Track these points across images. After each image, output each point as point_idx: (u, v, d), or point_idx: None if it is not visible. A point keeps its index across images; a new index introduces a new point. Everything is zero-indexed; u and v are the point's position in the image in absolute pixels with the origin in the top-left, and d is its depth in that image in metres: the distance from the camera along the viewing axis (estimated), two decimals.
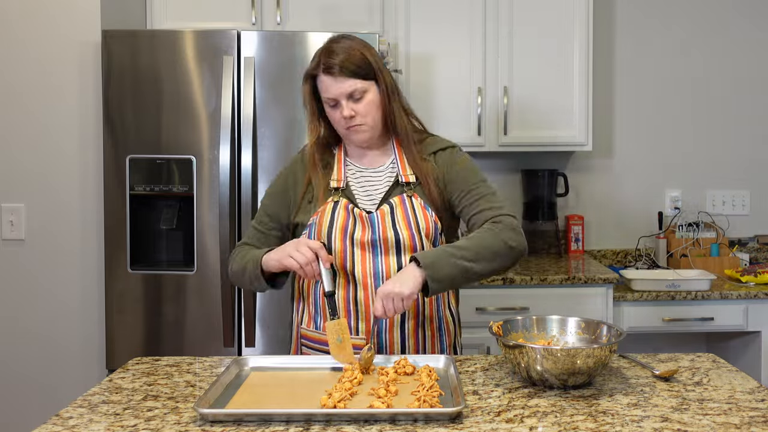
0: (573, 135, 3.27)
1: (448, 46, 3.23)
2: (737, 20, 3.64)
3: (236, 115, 2.67)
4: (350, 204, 1.80)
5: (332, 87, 1.76)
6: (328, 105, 1.79)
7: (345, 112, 1.76)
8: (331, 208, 1.80)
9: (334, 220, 1.78)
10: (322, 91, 1.78)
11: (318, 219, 1.80)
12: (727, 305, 3.06)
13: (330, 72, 1.75)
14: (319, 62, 1.77)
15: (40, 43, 2.81)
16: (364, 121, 1.79)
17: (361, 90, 1.77)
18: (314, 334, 1.83)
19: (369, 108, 1.79)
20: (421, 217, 1.79)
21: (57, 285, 2.83)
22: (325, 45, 1.81)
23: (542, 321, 1.70)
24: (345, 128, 1.80)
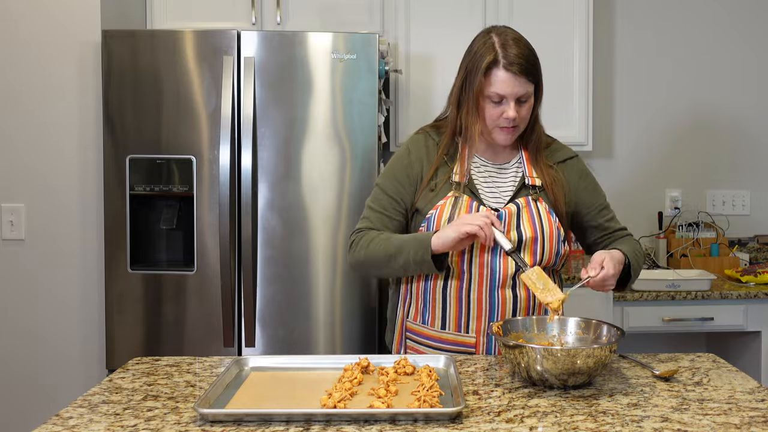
0: (573, 135, 3.26)
1: (448, 46, 3.22)
2: (737, 20, 3.64)
3: (236, 115, 2.67)
4: (474, 201, 1.78)
5: (507, 85, 1.71)
6: (491, 99, 1.73)
7: (510, 113, 1.72)
8: (451, 204, 1.77)
9: (455, 216, 1.75)
10: (492, 85, 1.72)
11: (437, 213, 1.77)
12: (727, 305, 3.06)
13: (510, 69, 1.70)
14: (498, 54, 1.71)
15: (40, 43, 2.81)
16: (520, 125, 1.77)
17: (528, 94, 1.74)
18: (420, 328, 1.84)
19: (527, 112, 1.77)
20: (546, 222, 1.79)
21: (57, 285, 2.83)
22: (497, 38, 1.74)
23: (542, 321, 1.70)
24: (499, 126, 1.76)
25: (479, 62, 1.73)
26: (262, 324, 2.68)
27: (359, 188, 2.68)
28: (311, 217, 2.68)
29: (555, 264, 1.84)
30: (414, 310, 1.85)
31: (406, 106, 3.23)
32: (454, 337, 1.80)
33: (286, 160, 2.67)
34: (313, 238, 2.68)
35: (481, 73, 1.72)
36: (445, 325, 1.80)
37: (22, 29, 2.81)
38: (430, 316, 1.82)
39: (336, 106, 2.67)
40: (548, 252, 1.79)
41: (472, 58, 1.77)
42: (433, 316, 1.81)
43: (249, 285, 2.65)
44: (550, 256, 1.80)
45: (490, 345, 1.79)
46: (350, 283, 2.69)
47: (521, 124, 1.78)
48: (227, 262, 2.62)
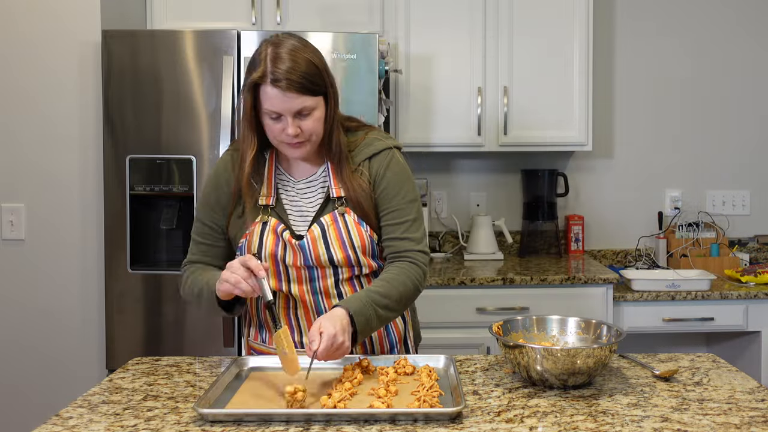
0: (573, 135, 3.27)
1: (448, 46, 3.23)
2: (738, 20, 3.64)
3: (236, 115, 2.66)
4: (280, 224, 1.70)
5: (278, 101, 1.59)
6: (269, 116, 1.62)
7: (290, 130, 1.61)
8: (260, 231, 1.70)
9: (263, 245, 1.68)
10: (264, 102, 1.60)
11: (247, 242, 1.71)
12: (727, 305, 3.06)
13: (278, 85, 1.57)
14: (266, 71, 1.58)
15: (41, 43, 2.81)
16: (308, 138, 1.65)
17: (309, 107, 1.62)
18: (261, 347, 1.80)
19: (315, 125, 1.64)
20: (355, 235, 1.70)
21: (57, 285, 2.83)
22: (271, 48, 1.61)
23: (542, 321, 1.70)
24: (284, 142, 1.64)
25: (248, 78, 1.62)
26: None
27: None
28: None
29: (380, 266, 1.78)
30: (254, 331, 1.83)
31: (406, 106, 3.23)
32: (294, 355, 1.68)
33: None
34: None
35: (248, 91, 1.62)
36: None
37: (23, 29, 2.81)
38: (267, 335, 1.79)
39: None
40: (365, 264, 1.73)
41: (246, 73, 1.65)
42: (270, 335, 1.78)
43: None
44: (369, 266, 1.75)
45: None
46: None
47: (310, 136, 1.65)
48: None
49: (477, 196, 3.62)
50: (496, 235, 3.50)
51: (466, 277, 2.97)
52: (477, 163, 3.62)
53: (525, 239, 3.54)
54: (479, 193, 3.63)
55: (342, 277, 1.73)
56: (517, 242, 3.59)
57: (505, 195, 3.64)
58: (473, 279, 2.96)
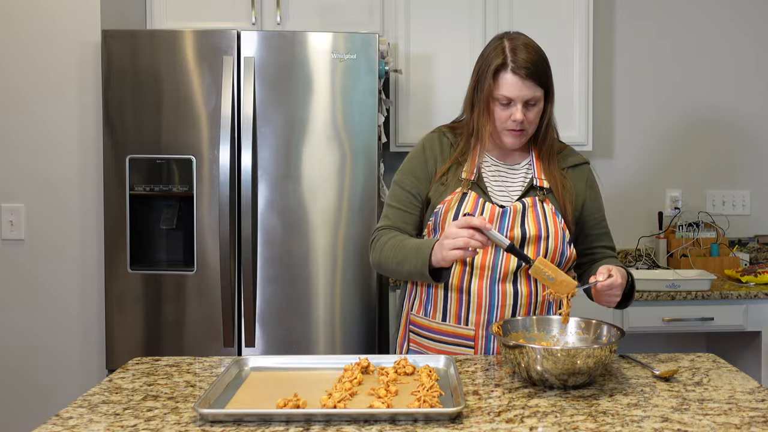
0: (573, 135, 3.26)
1: (448, 46, 3.23)
2: (738, 20, 3.64)
3: (236, 115, 2.67)
4: (481, 197, 1.80)
5: (515, 88, 1.74)
6: (499, 102, 1.77)
7: (518, 116, 1.75)
8: (458, 199, 1.80)
9: (461, 211, 1.78)
10: (499, 88, 1.75)
11: (444, 208, 1.80)
12: (727, 305, 3.06)
13: (517, 72, 1.74)
14: (507, 58, 1.75)
15: (40, 43, 2.81)
16: (528, 129, 1.80)
17: (537, 98, 1.77)
18: (422, 320, 1.86)
19: (536, 117, 1.80)
20: (551, 222, 1.81)
21: (57, 285, 2.83)
22: (507, 42, 1.77)
23: (542, 321, 1.70)
24: (507, 129, 1.79)
25: (489, 65, 1.77)
26: (262, 324, 2.68)
27: (359, 188, 2.68)
28: (311, 217, 2.68)
29: (560, 265, 1.84)
30: (418, 304, 1.88)
31: (406, 106, 3.23)
32: (453, 329, 1.82)
33: (286, 160, 2.67)
34: (313, 238, 2.68)
35: (490, 76, 1.76)
36: (446, 317, 1.83)
37: (22, 29, 2.81)
38: (432, 308, 1.84)
39: (336, 106, 2.67)
40: (552, 251, 1.80)
41: (483, 62, 1.81)
42: (434, 309, 1.84)
43: (249, 285, 2.65)
44: (554, 255, 1.81)
45: (489, 339, 1.80)
46: (350, 283, 2.69)
47: (530, 127, 1.80)
48: (227, 262, 2.62)
49: None
50: None
51: None
52: None
53: None
54: None
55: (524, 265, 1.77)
56: None
57: None
58: None
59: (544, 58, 1.80)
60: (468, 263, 1.79)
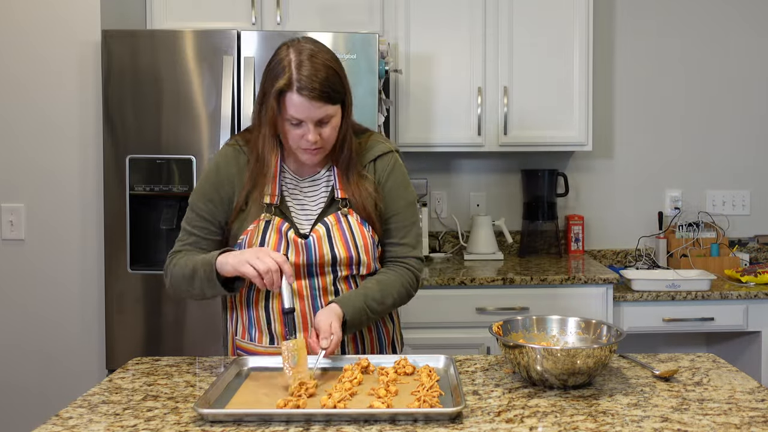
0: (573, 135, 3.27)
1: (448, 46, 3.23)
2: (737, 21, 3.64)
3: (236, 115, 2.67)
4: (284, 223, 1.71)
5: (303, 109, 1.61)
6: (290, 123, 1.65)
7: (311, 137, 1.64)
8: (262, 229, 1.70)
9: (265, 243, 1.69)
10: (289, 109, 1.62)
11: (248, 239, 1.71)
12: (727, 305, 3.06)
13: (303, 93, 1.60)
14: (291, 78, 1.61)
15: (41, 43, 2.81)
16: (325, 145, 1.69)
17: (329, 116, 1.65)
18: (250, 346, 1.78)
19: (332, 132, 1.68)
20: (358, 235, 1.73)
21: (57, 285, 2.83)
22: (294, 56, 1.63)
23: (542, 321, 1.70)
24: (302, 147, 1.67)
25: (274, 85, 1.63)
26: None
27: None
28: None
29: (376, 269, 1.79)
30: (241, 329, 1.80)
31: (406, 106, 3.23)
32: None
33: None
34: None
35: (273, 98, 1.63)
36: (273, 340, 1.75)
37: (23, 29, 2.81)
38: (257, 332, 1.77)
39: None
40: (365, 264, 1.75)
41: (268, 77, 1.67)
42: (260, 333, 1.76)
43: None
44: (368, 266, 1.76)
45: None
46: None
47: (326, 144, 1.69)
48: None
49: (477, 196, 3.62)
50: (496, 235, 3.50)
51: (466, 277, 2.97)
52: (477, 163, 3.62)
53: (525, 239, 3.54)
54: (479, 193, 3.63)
55: (340, 275, 1.75)
56: (517, 242, 3.59)
57: (505, 195, 3.64)
58: (473, 279, 2.96)
59: (335, 69, 1.65)
60: None
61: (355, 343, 1.80)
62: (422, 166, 3.52)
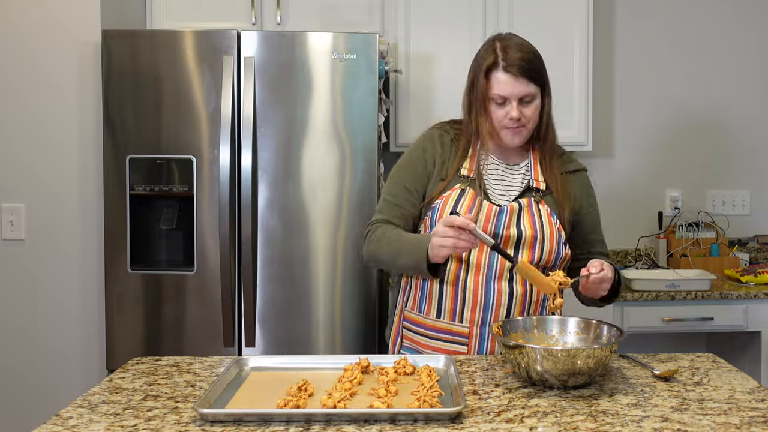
0: (573, 135, 3.26)
1: (448, 46, 3.23)
2: (737, 20, 3.64)
3: (236, 115, 2.67)
4: (478, 195, 1.81)
5: (508, 86, 1.76)
6: (495, 101, 1.79)
7: (513, 113, 1.77)
8: (456, 196, 1.81)
9: (458, 208, 1.79)
10: (493, 87, 1.77)
11: (441, 204, 1.81)
12: (727, 305, 3.06)
13: (509, 70, 1.75)
14: (498, 57, 1.77)
15: (40, 43, 2.81)
16: (527, 125, 1.81)
17: (532, 95, 1.78)
18: (417, 317, 1.86)
19: (534, 114, 1.81)
20: (546, 223, 1.82)
21: (57, 285, 2.83)
22: (499, 42, 1.79)
23: (542, 321, 1.70)
24: (505, 127, 1.80)
25: (481, 65, 1.79)
26: (262, 324, 2.68)
27: (359, 188, 2.68)
28: (311, 217, 2.68)
29: (555, 266, 1.85)
30: (412, 300, 1.88)
31: (406, 106, 3.23)
32: (447, 326, 1.82)
33: (286, 160, 2.67)
34: (313, 238, 2.68)
35: (482, 76, 1.78)
36: (441, 314, 1.83)
37: (22, 29, 2.81)
38: (427, 304, 1.84)
39: (336, 106, 2.67)
40: (547, 251, 1.81)
41: (476, 63, 1.83)
42: (429, 305, 1.84)
43: (249, 285, 2.65)
44: (549, 255, 1.82)
45: (483, 336, 1.80)
46: (350, 282, 2.69)
47: (528, 124, 1.81)
48: (227, 262, 2.62)
49: None
50: None
51: None
52: None
53: None
54: None
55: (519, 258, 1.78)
56: None
57: None
58: None
59: (537, 55, 1.81)
60: (464, 260, 1.79)
61: None
62: None
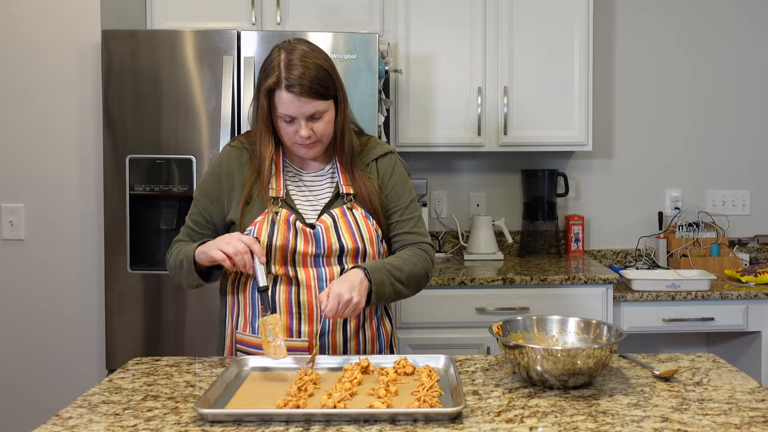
0: (573, 135, 3.27)
1: (447, 46, 3.23)
2: (737, 20, 3.64)
3: (236, 115, 2.67)
4: (291, 214, 1.76)
5: (293, 106, 1.69)
6: (283, 120, 1.72)
7: (303, 132, 1.71)
8: (270, 220, 1.74)
9: (274, 233, 1.73)
10: (279, 106, 1.70)
11: (256, 229, 1.74)
12: (727, 305, 3.06)
13: (292, 90, 1.67)
14: (280, 77, 1.68)
15: (41, 43, 2.81)
16: (320, 140, 1.75)
17: (320, 111, 1.72)
18: (252, 338, 1.79)
19: (326, 127, 1.75)
20: (364, 228, 1.79)
21: (57, 285, 2.83)
22: (285, 55, 1.70)
23: (542, 321, 1.70)
24: (297, 143, 1.75)
25: (263, 83, 1.71)
26: None
27: None
28: None
29: None
30: (243, 321, 1.82)
31: (406, 106, 3.23)
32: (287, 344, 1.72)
33: None
34: None
35: (264, 96, 1.71)
36: None
37: (23, 29, 2.81)
38: None
39: None
40: (370, 256, 1.79)
41: (260, 78, 1.74)
42: None
43: None
44: (373, 257, 1.80)
45: (324, 347, 1.75)
46: None
47: (322, 138, 1.75)
48: None
49: (477, 196, 3.63)
50: (496, 235, 3.50)
51: (466, 277, 2.97)
52: (477, 163, 3.62)
53: (525, 239, 3.54)
54: (479, 193, 3.63)
55: (347, 267, 1.78)
56: (517, 242, 3.60)
57: (505, 195, 3.64)
58: (473, 279, 2.96)
59: (324, 67, 1.71)
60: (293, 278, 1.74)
61: (357, 340, 1.81)
62: (422, 166, 3.52)
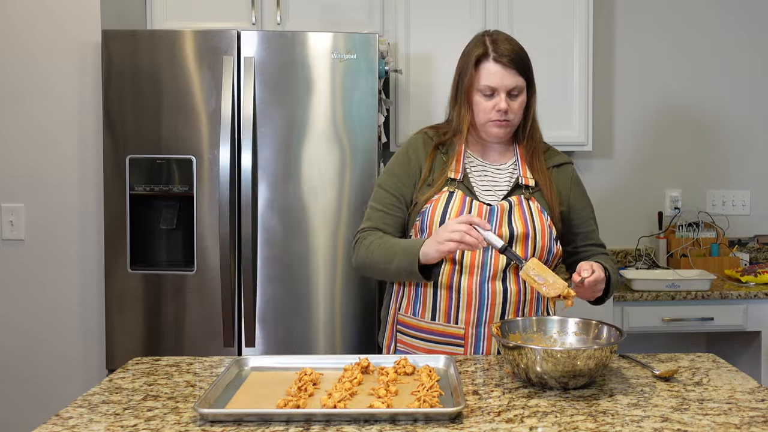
0: (573, 135, 3.27)
1: (448, 46, 3.22)
2: (737, 20, 3.64)
3: (236, 115, 2.67)
4: (467, 196, 1.81)
5: (497, 76, 1.77)
6: (482, 93, 1.80)
7: (502, 105, 1.78)
8: (446, 198, 1.81)
9: (448, 210, 1.79)
10: (483, 78, 1.79)
11: (431, 208, 1.81)
12: (727, 305, 3.06)
13: (500, 61, 1.77)
14: (488, 48, 1.79)
15: (40, 43, 2.81)
16: (513, 119, 1.81)
17: (520, 88, 1.80)
18: (411, 320, 1.86)
19: (519, 108, 1.83)
20: (537, 220, 1.82)
21: (57, 285, 2.83)
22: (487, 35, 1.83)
23: (542, 321, 1.70)
24: (492, 120, 1.80)
25: (471, 56, 1.81)
26: (262, 324, 2.68)
27: (359, 188, 2.68)
28: (311, 217, 2.68)
29: (548, 262, 1.86)
30: (406, 303, 1.88)
31: (406, 106, 3.23)
32: (443, 328, 1.82)
33: (286, 160, 2.67)
34: (313, 238, 2.68)
35: (471, 67, 1.80)
36: (435, 316, 1.83)
37: (22, 29, 2.81)
38: (421, 307, 1.85)
39: (336, 106, 2.67)
40: (540, 248, 1.82)
41: (465, 55, 1.85)
42: (423, 308, 1.84)
43: (249, 285, 2.65)
44: (541, 252, 1.83)
45: (479, 337, 1.81)
46: (350, 283, 2.69)
47: (514, 118, 1.82)
48: (227, 262, 2.62)
49: None
50: None
51: None
52: None
53: None
54: None
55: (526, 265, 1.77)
56: None
57: None
58: None
59: (524, 51, 1.84)
60: (457, 261, 1.79)
61: None
62: None
